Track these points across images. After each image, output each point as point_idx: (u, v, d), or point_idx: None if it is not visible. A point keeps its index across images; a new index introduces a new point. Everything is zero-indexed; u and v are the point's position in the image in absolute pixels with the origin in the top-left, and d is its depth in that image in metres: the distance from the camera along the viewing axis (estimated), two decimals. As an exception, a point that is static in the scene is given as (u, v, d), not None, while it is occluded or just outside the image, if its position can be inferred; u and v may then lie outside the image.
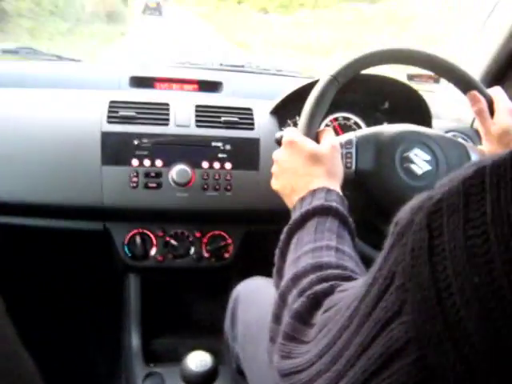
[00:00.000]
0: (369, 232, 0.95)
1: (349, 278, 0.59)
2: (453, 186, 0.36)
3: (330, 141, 0.87)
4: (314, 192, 0.76)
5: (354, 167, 0.98)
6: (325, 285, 0.57)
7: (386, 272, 0.40)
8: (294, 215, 0.73)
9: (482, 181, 0.35)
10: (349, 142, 0.99)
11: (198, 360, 1.02)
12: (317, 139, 0.89)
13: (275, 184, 0.88)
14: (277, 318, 0.61)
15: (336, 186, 0.80)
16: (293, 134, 0.88)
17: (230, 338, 1.08)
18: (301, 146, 0.84)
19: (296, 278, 0.61)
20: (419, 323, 0.36)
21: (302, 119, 0.92)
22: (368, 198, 1.02)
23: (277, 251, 0.72)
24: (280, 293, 0.62)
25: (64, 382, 1.35)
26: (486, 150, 0.99)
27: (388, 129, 1.04)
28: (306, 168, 0.81)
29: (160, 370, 1.28)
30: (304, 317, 0.55)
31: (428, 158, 1.00)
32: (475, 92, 0.96)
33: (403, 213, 0.41)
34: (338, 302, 0.52)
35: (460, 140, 1.09)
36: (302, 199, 0.76)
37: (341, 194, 0.77)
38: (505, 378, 0.33)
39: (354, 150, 0.99)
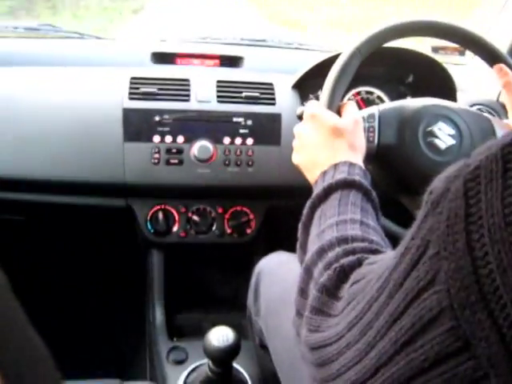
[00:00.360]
0: (391, 207, 0.94)
1: (375, 251, 0.59)
2: (491, 154, 0.35)
3: (353, 114, 0.86)
4: (336, 166, 0.75)
5: (376, 141, 0.97)
6: (351, 258, 0.57)
7: (419, 241, 0.39)
8: (317, 189, 0.72)
9: None
10: (371, 116, 0.98)
11: (220, 335, 1.02)
12: (339, 113, 0.88)
13: (296, 158, 0.87)
14: (302, 291, 0.61)
15: (358, 159, 0.79)
16: (315, 107, 0.87)
17: (252, 312, 1.09)
18: (323, 119, 0.83)
19: (321, 251, 0.61)
20: (453, 292, 0.35)
21: (325, 92, 0.90)
22: (390, 173, 1.01)
23: (300, 225, 0.71)
24: (305, 266, 0.62)
25: (89, 357, 1.38)
26: None
27: (411, 103, 1.02)
28: (327, 142, 0.80)
29: (183, 344, 1.29)
30: (331, 290, 0.55)
31: (452, 132, 0.98)
32: (502, 64, 0.94)
33: (438, 181, 0.40)
34: (366, 274, 0.51)
35: (485, 114, 1.07)
36: (324, 173, 0.75)
37: (363, 167, 0.76)
38: None
39: (376, 124, 0.98)
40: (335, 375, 0.49)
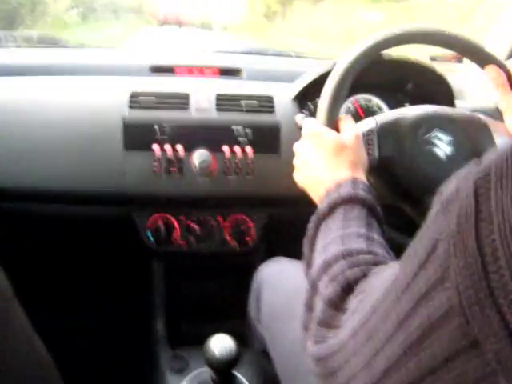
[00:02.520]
0: (395, 217, 0.94)
1: (381, 263, 0.59)
2: (501, 153, 0.36)
3: (352, 130, 0.87)
4: (340, 183, 0.75)
5: (376, 154, 0.97)
6: (356, 270, 0.57)
7: (427, 241, 0.40)
8: (321, 205, 0.72)
9: None
10: (370, 131, 0.98)
11: (221, 343, 1.02)
12: (336, 128, 0.89)
13: (299, 177, 0.87)
14: (309, 306, 0.61)
15: (361, 175, 0.79)
16: (313, 125, 0.87)
17: (254, 320, 1.09)
18: (323, 138, 0.84)
19: (326, 265, 0.61)
20: (462, 289, 0.36)
21: (321, 109, 0.91)
22: (392, 183, 1.01)
23: (304, 241, 0.72)
24: (311, 281, 0.62)
25: (89, 367, 1.37)
26: (510, 125, 0.96)
27: (407, 112, 1.02)
28: (330, 160, 0.81)
29: (184, 353, 1.29)
30: (336, 303, 0.55)
31: (449, 138, 0.98)
32: (493, 65, 0.94)
33: (448, 183, 0.40)
34: (372, 283, 0.52)
35: (482, 117, 1.07)
36: (328, 191, 0.75)
37: (367, 183, 0.77)
38: None
39: (375, 138, 0.98)
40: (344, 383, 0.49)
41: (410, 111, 1.02)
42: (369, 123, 1.00)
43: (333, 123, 0.89)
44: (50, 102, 1.28)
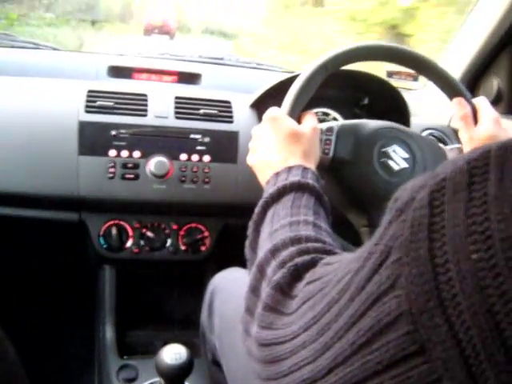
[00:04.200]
0: (339, 225, 0.96)
1: (329, 252, 0.59)
2: (457, 166, 0.37)
3: (311, 123, 0.88)
4: (290, 169, 0.76)
5: (331, 154, 1.00)
6: (306, 257, 0.57)
7: (382, 247, 0.40)
8: (269, 189, 0.73)
9: (487, 162, 0.36)
10: (330, 129, 1.01)
11: (172, 353, 1.01)
12: (298, 121, 0.90)
13: (251, 158, 0.88)
14: (254, 289, 0.61)
15: (312, 166, 0.80)
16: (275, 111, 0.88)
17: (206, 329, 1.08)
18: (282, 123, 0.85)
19: (275, 250, 0.61)
20: (413, 297, 0.36)
21: (287, 100, 0.92)
22: (341, 188, 1.03)
23: (250, 223, 0.72)
24: (258, 264, 0.62)
25: (36, 374, 1.34)
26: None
27: (371, 123, 1.05)
28: (284, 145, 0.82)
29: (134, 362, 1.27)
30: (284, 288, 0.55)
31: (406, 155, 1.01)
32: (461, 98, 0.97)
33: (403, 190, 0.41)
34: (322, 275, 0.52)
35: (439, 144, 1.10)
36: (277, 174, 0.76)
37: (316, 173, 0.78)
38: (495, 354, 0.33)
39: (334, 138, 1.00)
40: (285, 373, 0.49)
41: (373, 122, 1.05)
42: (331, 123, 1.02)
43: (295, 116, 0.90)
44: (3, 102, 1.25)
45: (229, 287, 1.07)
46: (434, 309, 0.35)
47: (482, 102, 0.99)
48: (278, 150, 0.82)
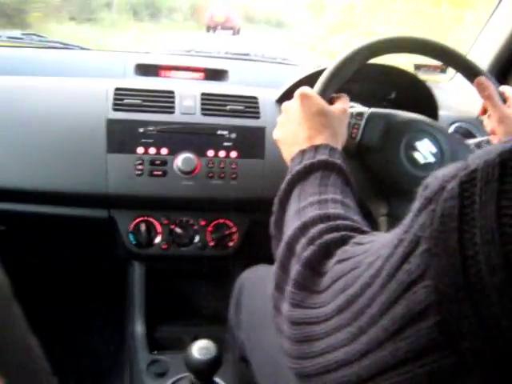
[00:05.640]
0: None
1: (358, 230, 0.59)
2: (489, 158, 0.36)
3: (343, 105, 0.87)
4: (317, 147, 0.74)
5: (358, 139, 0.99)
6: (336, 234, 0.57)
7: (411, 235, 0.40)
8: (295, 167, 0.72)
9: None
10: (360, 114, 1.01)
11: (202, 348, 1.02)
12: (330, 103, 0.89)
13: (277, 133, 0.87)
14: (283, 266, 0.60)
15: (339, 146, 0.79)
16: (308, 89, 0.87)
17: (234, 325, 1.08)
18: (313, 100, 0.84)
19: (304, 227, 0.60)
20: (441, 288, 0.36)
21: (321, 80, 0.91)
22: (364, 175, 1.03)
23: (276, 200, 0.71)
24: (287, 242, 0.61)
25: (68, 369, 1.36)
26: (500, 136, 0.97)
27: (402, 113, 1.04)
28: (312, 122, 0.80)
29: (164, 357, 1.28)
30: (315, 265, 0.55)
31: (434, 150, 1.00)
32: (482, 78, 0.95)
33: (434, 178, 0.41)
34: (353, 254, 0.51)
35: (470, 144, 1.08)
36: (303, 152, 0.74)
37: (343, 153, 0.77)
38: None
39: (363, 123, 1.00)
40: (318, 353, 0.49)
41: (405, 114, 1.04)
42: (362, 108, 1.02)
43: (327, 97, 0.89)
44: (33, 102, 1.26)
45: (256, 284, 1.07)
46: (463, 300, 0.35)
47: (507, 87, 0.97)
48: (306, 127, 0.80)
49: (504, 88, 0.96)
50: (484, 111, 0.99)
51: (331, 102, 0.90)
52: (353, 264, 0.50)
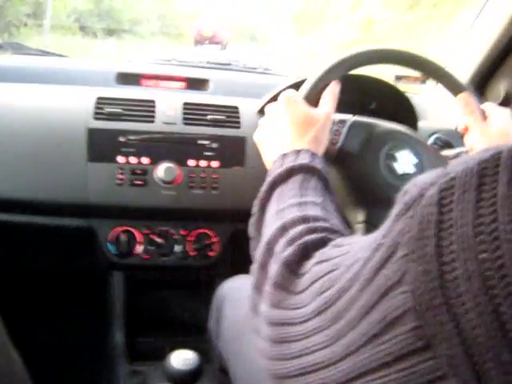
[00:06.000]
0: None
1: (338, 233, 0.59)
2: (467, 167, 0.37)
3: (327, 109, 0.88)
4: (298, 152, 0.75)
5: (339, 145, 1.01)
6: (315, 236, 0.57)
7: (390, 241, 0.40)
8: (277, 169, 0.72)
9: (497, 164, 0.36)
10: (342, 121, 1.02)
11: (182, 358, 1.01)
12: (316, 102, 0.90)
13: (258, 135, 0.88)
14: (262, 266, 0.60)
15: (319, 153, 0.80)
16: (292, 93, 0.88)
17: (214, 336, 1.08)
18: (297, 105, 0.85)
19: (283, 228, 0.60)
20: (418, 294, 0.36)
21: (306, 84, 0.92)
22: (342, 181, 1.04)
23: (256, 202, 0.71)
24: (266, 242, 0.61)
25: (47, 380, 1.34)
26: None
27: (383, 124, 1.06)
28: (295, 127, 0.81)
29: (144, 368, 1.27)
30: (293, 265, 0.55)
31: (414, 161, 1.02)
32: (465, 93, 0.97)
33: (413, 184, 0.41)
34: (332, 256, 0.52)
35: (449, 156, 1.10)
36: (284, 156, 0.75)
37: (323, 160, 0.77)
38: (500, 354, 0.33)
39: (345, 130, 1.02)
40: (295, 355, 0.50)
41: (387, 124, 1.06)
42: (344, 116, 1.03)
43: (311, 101, 0.90)
44: (12, 109, 1.25)
45: (236, 294, 1.06)
46: (439, 306, 0.35)
47: (488, 104, 0.99)
48: (288, 131, 0.81)
49: (485, 106, 0.98)
50: (464, 127, 1.01)
51: (318, 99, 0.91)
52: (331, 266, 0.50)
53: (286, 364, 0.51)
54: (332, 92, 0.91)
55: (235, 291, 1.08)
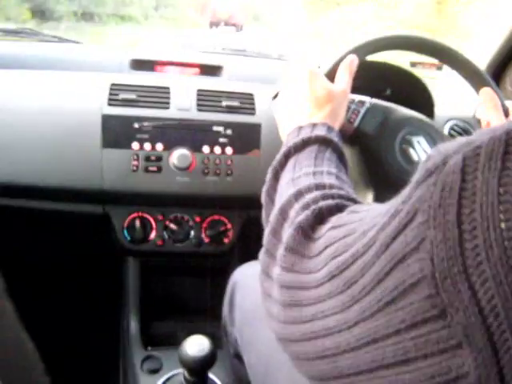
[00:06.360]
0: None
1: (353, 200, 0.60)
2: (495, 135, 0.36)
3: (344, 86, 0.88)
4: (314, 125, 0.76)
5: (356, 124, 1.02)
6: (331, 201, 0.57)
7: (409, 207, 0.40)
8: (292, 140, 0.73)
9: None
10: (361, 102, 1.03)
11: (196, 344, 1.02)
12: (334, 74, 0.90)
13: (277, 104, 0.88)
14: (275, 231, 0.60)
15: (336, 126, 0.80)
16: (316, 69, 0.88)
17: (227, 322, 1.08)
18: (319, 80, 0.85)
19: (298, 194, 0.61)
20: (437, 261, 0.36)
21: (330, 62, 0.93)
22: (355, 160, 1.04)
23: (270, 170, 0.72)
24: (280, 208, 0.61)
25: (61, 365, 1.35)
26: None
27: (402, 109, 1.06)
28: (314, 102, 0.82)
29: (158, 353, 1.28)
30: (307, 230, 0.55)
31: (429, 149, 1.01)
32: (488, 88, 0.95)
33: (436, 152, 0.40)
34: (348, 222, 0.51)
35: None
36: (301, 128, 0.76)
37: (339, 133, 0.78)
38: None
39: (363, 110, 1.02)
40: (307, 319, 0.50)
41: (405, 109, 1.05)
42: (364, 97, 1.04)
43: (331, 78, 0.90)
44: (27, 96, 1.26)
45: (250, 281, 1.07)
46: (457, 274, 0.35)
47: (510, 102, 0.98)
48: (307, 105, 0.82)
49: (509, 102, 0.97)
50: (486, 123, 0.99)
51: (335, 72, 0.91)
52: (347, 231, 0.50)
53: (297, 328, 0.51)
54: (347, 68, 0.91)
55: (248, 278, 1.08)
